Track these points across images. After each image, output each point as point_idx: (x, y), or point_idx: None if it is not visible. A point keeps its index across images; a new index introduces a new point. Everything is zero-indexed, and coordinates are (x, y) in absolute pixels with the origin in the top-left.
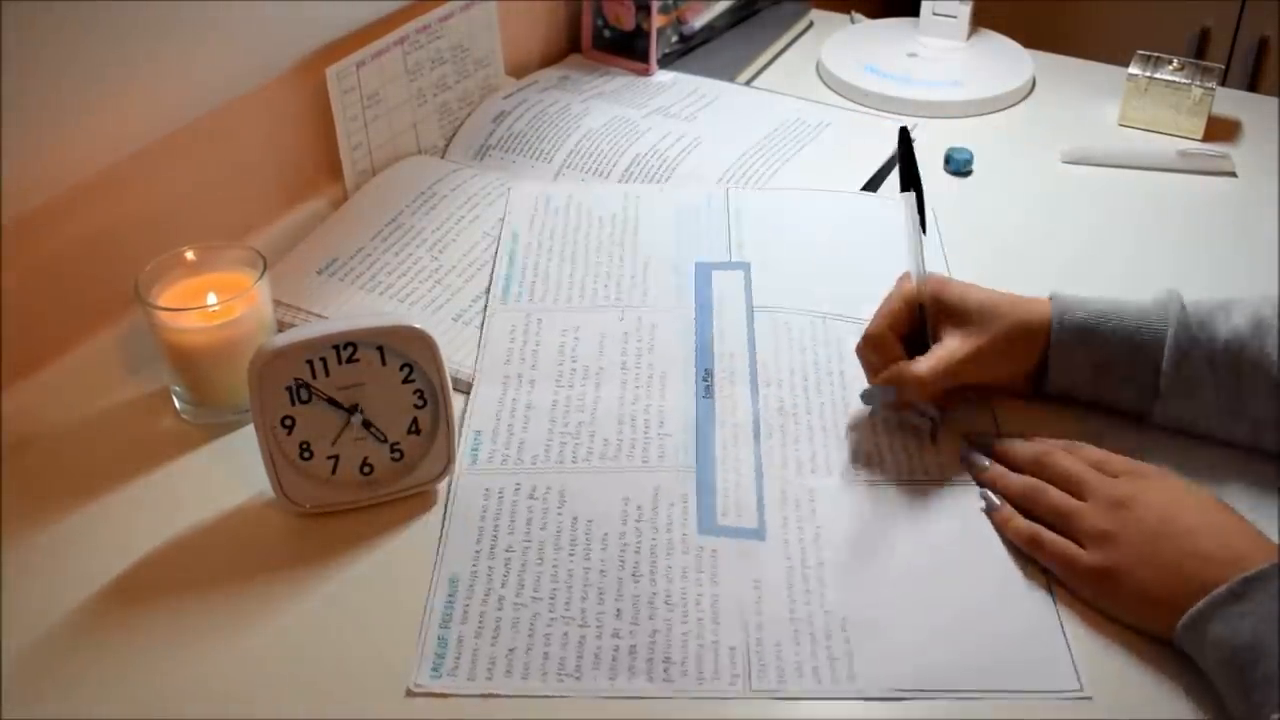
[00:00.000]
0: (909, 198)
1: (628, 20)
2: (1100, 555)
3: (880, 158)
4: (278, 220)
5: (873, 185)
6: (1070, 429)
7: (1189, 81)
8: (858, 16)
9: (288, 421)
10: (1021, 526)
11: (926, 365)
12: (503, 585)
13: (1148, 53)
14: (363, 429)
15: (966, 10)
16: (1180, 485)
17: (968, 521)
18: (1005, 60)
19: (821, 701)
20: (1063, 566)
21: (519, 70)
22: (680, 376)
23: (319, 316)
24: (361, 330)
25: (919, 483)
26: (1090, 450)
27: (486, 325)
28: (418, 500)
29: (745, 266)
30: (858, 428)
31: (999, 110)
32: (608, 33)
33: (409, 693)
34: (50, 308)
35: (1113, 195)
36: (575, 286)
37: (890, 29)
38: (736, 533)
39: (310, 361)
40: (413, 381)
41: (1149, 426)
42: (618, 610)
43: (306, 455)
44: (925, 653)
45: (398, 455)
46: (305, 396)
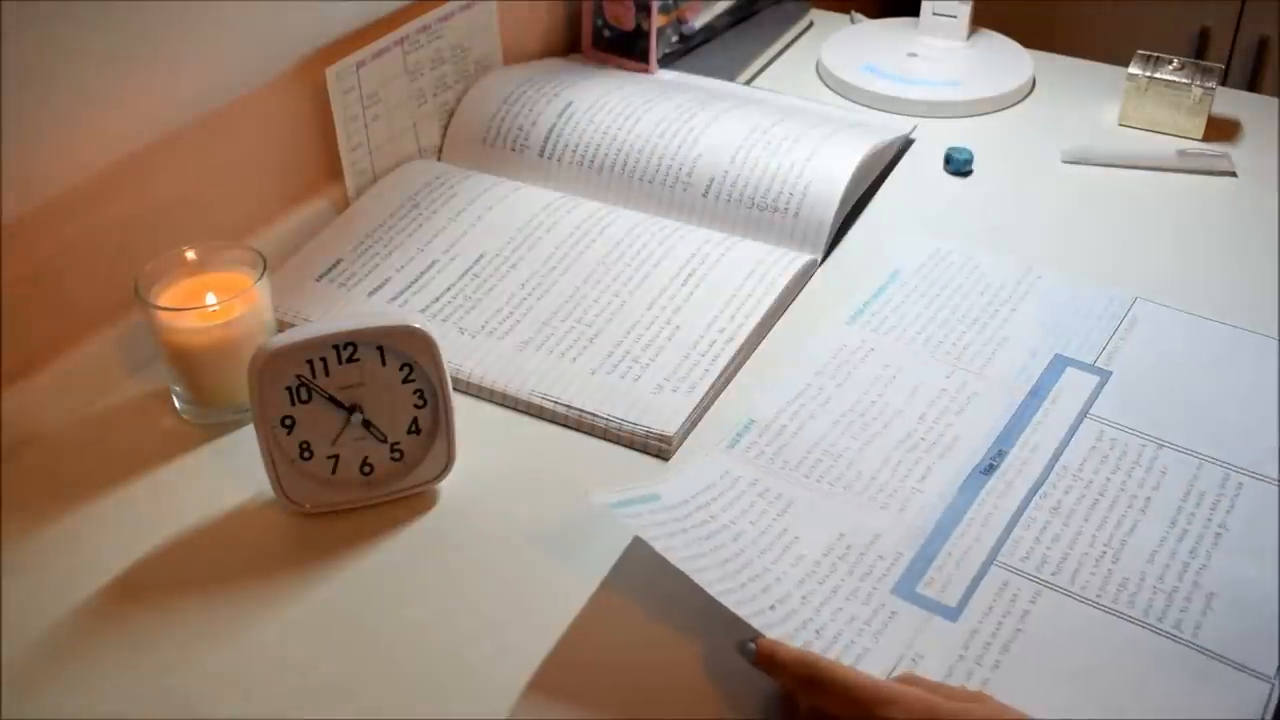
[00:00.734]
0: None
1: (628, 20)
2: None
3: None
4: (278, 221)
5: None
6: None
7: (1189, 81)
8: (858, 16)
9: (288, 421)
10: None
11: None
12: (686, 549)
13: (1148, 53)
14: (363, 429)
15: (966, 10)
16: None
17: (1188, 692)
18: (1005, 60)
19: None
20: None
21: None
22: (969, 448)
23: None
24: (361, 330)
25: (1166, 635)
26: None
27: (821, 339)
28: (418, 500)
29: (1105, 374)
30: (1128, 555)
31: (999, 110)
32: (608, 33)
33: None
34: (50, 308)
35: (1113, 195)
36: (923, 334)
37: (890, 29)
38: (931, 605)
39: (310, 361)
40: (413, 381)
41: None
42: (768, 624)
43: (306, 455)
44: None
45: (398, 455)
46: (305, 396)
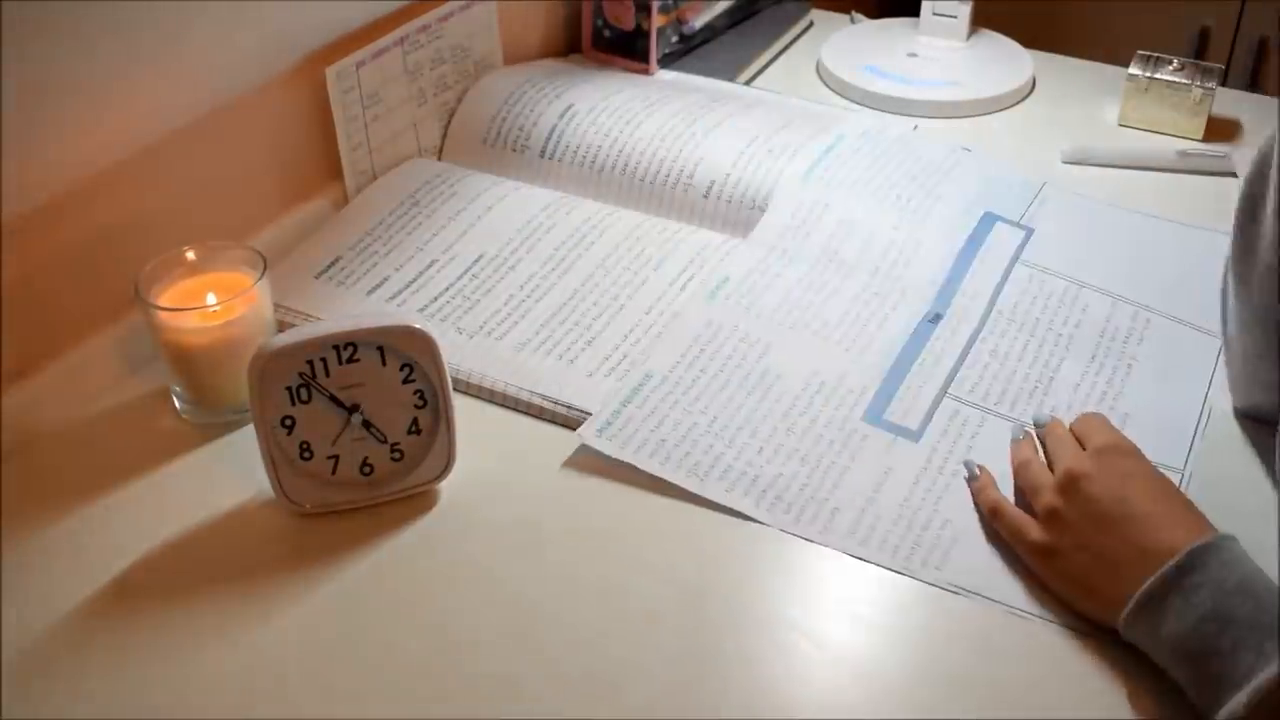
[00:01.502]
0: None
1: (628, 20)
2: (1044, 533)
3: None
4: (278, 220)
5: None
6: None
7: (1189, 81)
8: (858, 16)
9: (288, 421)
10: (988, 497)
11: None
12: (684, 393)
13: (1148, 53)
14: (363, 429)
15: (966, 10)
16: (1139, 467)
17: None
18: (1005, 60)
19: (886, 571)
20: (1013, 539)
21: None
22: (917, 297)
23: (319, 319)
24: (361, 330)
25: None
26: (1090, 419)
27: (777, 190)
28: (418, 500)
29: (1029, 230)
30: (1057, 387)
31: (999, 110)
32: (608, 33)
33: (582, 446)
34: (50, 308)
35: (1113, 195)
36: (869, 187)
37: (890, 29)
38: (895, 429)
39: (310, 361)
40: (413, 381)
41: None
42: (760, 448)
43: (306, 455)
44: (998, 569)
45: (398, 455)
46: (305, 396)
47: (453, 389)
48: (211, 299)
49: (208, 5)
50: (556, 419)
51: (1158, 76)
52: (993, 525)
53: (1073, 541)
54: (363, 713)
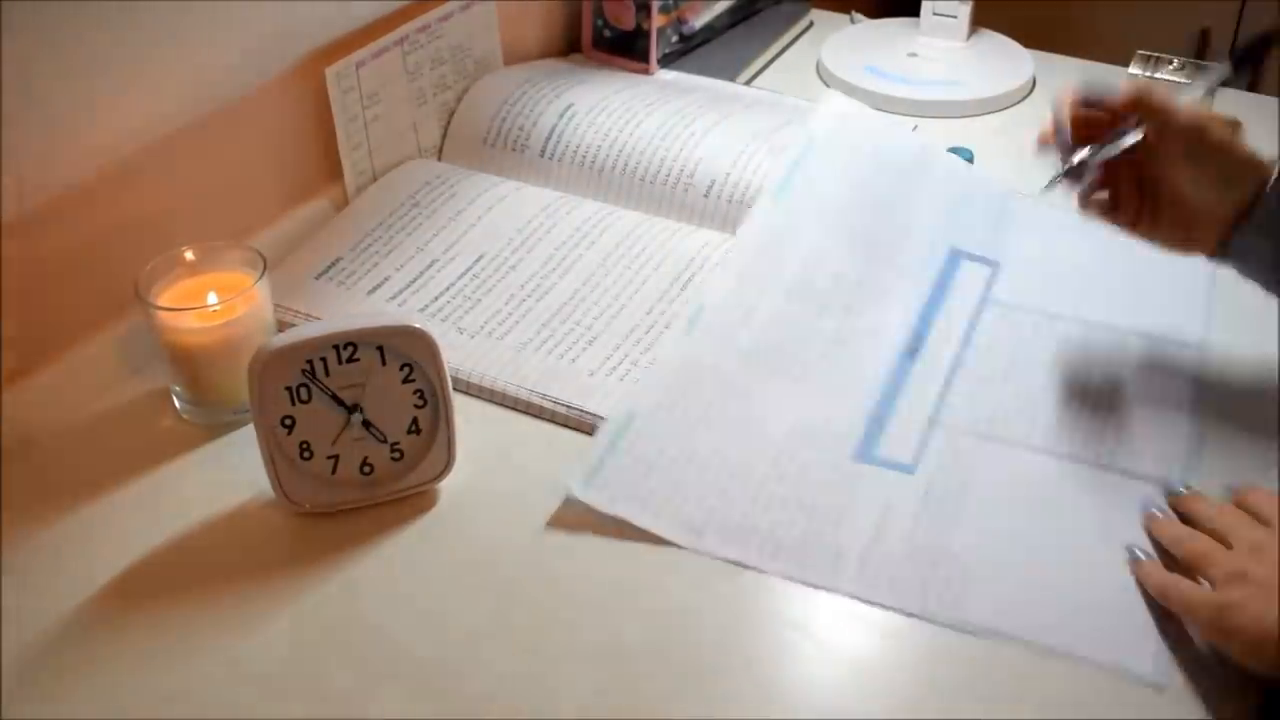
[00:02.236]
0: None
1: (628, 20)
2: (1222, 593)
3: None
4: (278, 221)
5: None
6: None
7: (1189, 81)
8: (858, 16)
9: (288, 421)
10: (1157, 578)
11: (1190, 108)
12: (669, 438)
13: (1148, 53)
14: (363, 429)
15: (966, 10)
16: None
17: (1109, 510)
18: (1005, 60)
19: (900, 615)
20: (1186, 608)
21: None
22: (894, 332)
23: (319, 318)
24: (361, 330)
25: (1083, 463)
26: (1261, 494)
27: (751, 214)
28: (418, 500)
29: (995, 265)
30: (1044, 408)
31: (999, 110)
32: (608, 33)
33: (566, 501)
34: (50, 308)
35: None
36: (840, 215)
37: (890, 29)
38: (889, 463)
39: (310, 361)
40: (413, 381)
41: None
42: (754, 497)
43: (306, 455)
44: (1020, 604)
45: (398, 455)
46: (305, 396)
47: (453, 389)
48: (211, 299)
49: (208, 5)
50: (557, 419)
51: (1158, 76)
52: (1165, 605)
53: (1256, 596)
54: (362, 712)
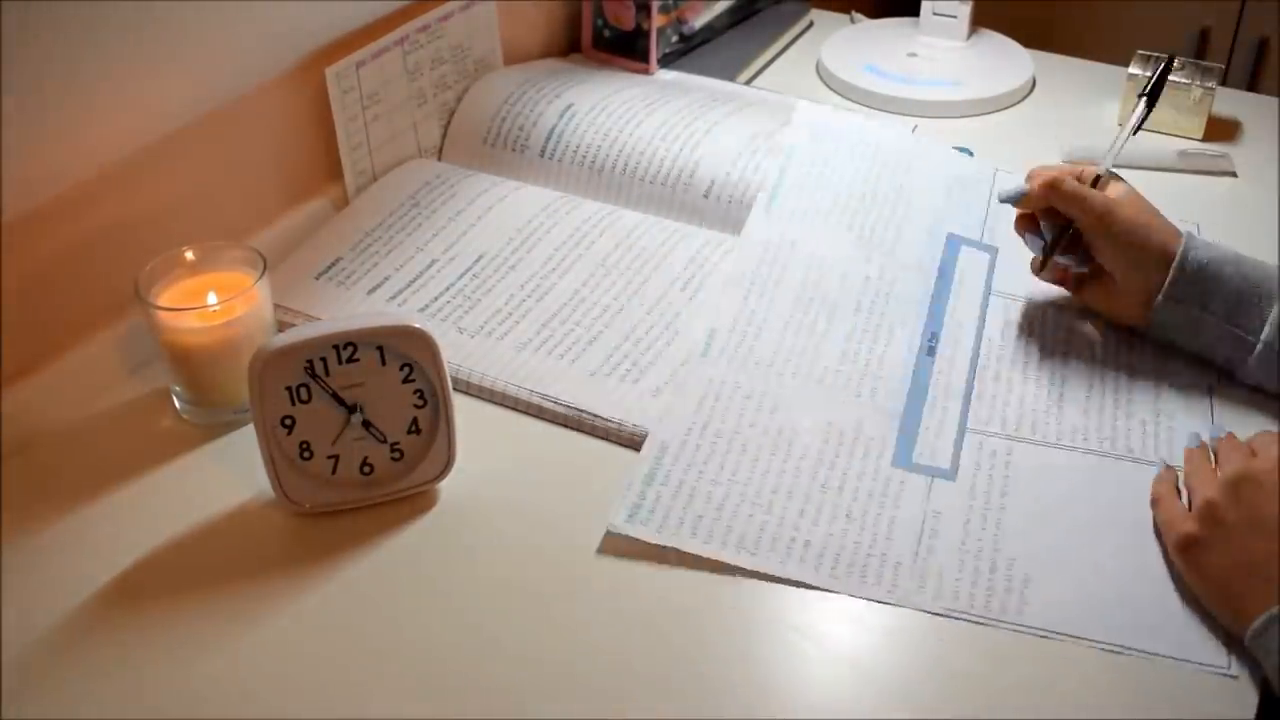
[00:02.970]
0: (1143, 101)
1: (628, 20)
2: (1195, 526)
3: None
4: (278, 221)
5: None
6: None
7: (1189, 81)
8: (858, 16)
9: (288, 421)
10: (1156, 488)
11: (1066, 176)
12: (705, 462)
13: (1148, 53)
14: (363, 429)
15: (966, 10)
16: None
17: (1143, 500)
18: (1005, 60)
19: (967, 623)
20: (1164, 527)
21: None
22: (909, 330)
23: (319, 319)
24: (361, 330)
25: (1117, 457)
26: (1267, 436)
27: (746, 230)
28: (418, 500)
29: (994, 251)
30: (1068, 404)
31: (999, 110)
32: (608, 33)
33: (608, 533)
34: (50, 308)
35: None
36: (833, 216)
37: (890, 29)
38: (929, 470)
39: (310, 361)
40: (413, 381)
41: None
42: (801, 510)
43: (306, 455)
44: (1080, 603)
45: (398, 455)
46: (305, 396)
47: (453, 389)
48: (211, 299)
49: (208, 5)
50: (557, 419)
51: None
52: (1152, 512)
53: (1222, 540)
54: (362, 712)
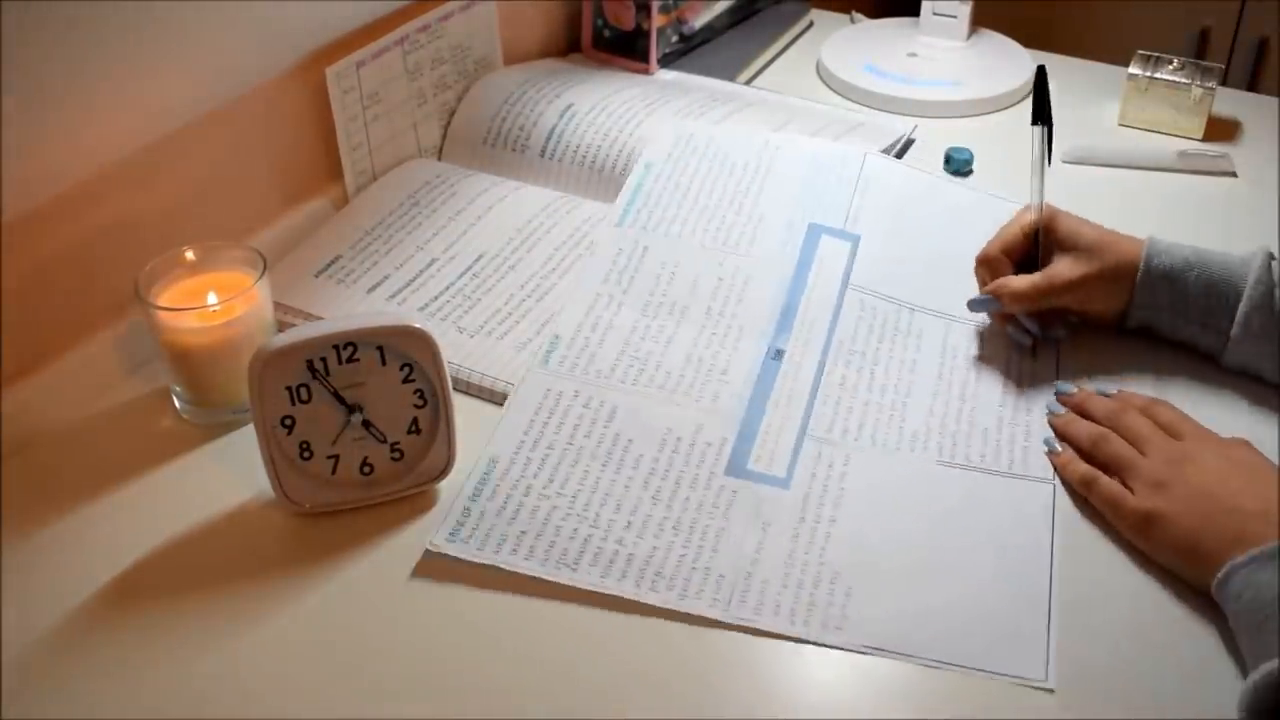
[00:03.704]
0: (1039, 130)
1: (628, 20)
2: (1149, 501)
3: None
4: (278, 220)
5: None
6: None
7: (1189, 81)
8: (858, 16)
9: (288, 421)
10: (1078, 469)
11: (1026, 283)
12: (534, 476)
13: (1148, 53)
14: (363, 429)
15: (966, 10)
16: (1240, 452)
17: (986, 508)
18: (1005, 60)
19: (787, 641)
20: (1111, 507)
21: None
22: (757, 333)
23: (319, 317)
24: (361, 330)
25: (957, 466)
26: (1166, 410)
27: (596, 243)
28: (418, 500)
29: (855, 239)
30: (911, 410)
31: (999, 110)
32: (608, 33)
33: (426, 552)
34: (50, 308)
35: (1113, 195)
36: (688, 224)
37: (890, 29)
38: (762, 478)
39: (310, 361)
40: (413, 381)
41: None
42: (628, 523)
43: (306, 455)
44: (902, 619)
45: (398, 455)
46: (305, 396)
47: (453, 388)
48: (211, 299)
49: (208, 5)
50: None
51: (1158, 76)
52: (1085, 495)
53: (1179, 508)
54: (362, 712)
